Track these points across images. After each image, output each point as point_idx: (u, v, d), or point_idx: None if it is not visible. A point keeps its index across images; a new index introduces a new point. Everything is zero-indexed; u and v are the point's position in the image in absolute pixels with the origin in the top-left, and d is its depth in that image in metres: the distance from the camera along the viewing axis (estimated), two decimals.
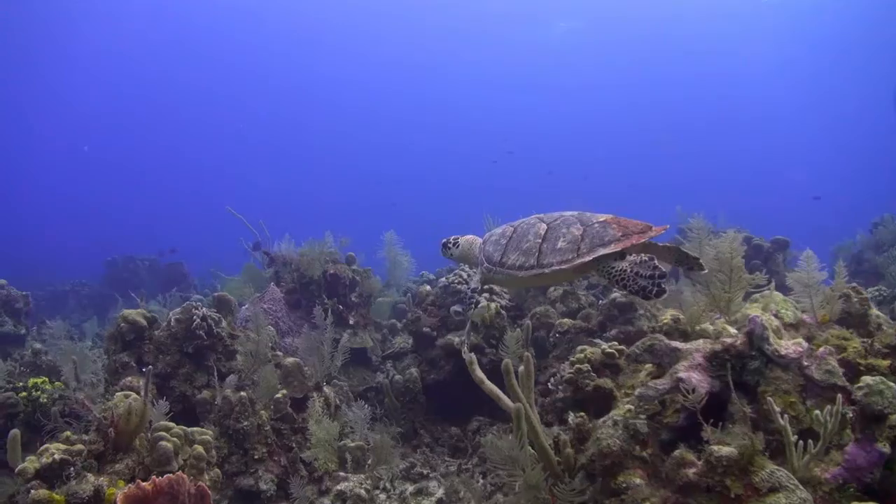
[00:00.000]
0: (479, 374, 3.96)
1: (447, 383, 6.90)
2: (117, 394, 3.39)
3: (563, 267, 3.32)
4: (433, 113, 63.21)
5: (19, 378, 6.66)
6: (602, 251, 3.24)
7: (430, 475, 5.90)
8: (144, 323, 5.34)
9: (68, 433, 3.64)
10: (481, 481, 5.44)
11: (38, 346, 6.78)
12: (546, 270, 3.39)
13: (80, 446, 3.35)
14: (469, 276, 7.90)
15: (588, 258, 3.25)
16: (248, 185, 57.80)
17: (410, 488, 5.55)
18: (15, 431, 3.50)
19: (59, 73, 49.08)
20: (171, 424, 3.40)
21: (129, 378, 5.12)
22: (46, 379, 5.53)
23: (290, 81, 60.66)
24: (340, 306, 8.00)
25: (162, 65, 53.40)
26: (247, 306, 7.54)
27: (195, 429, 3.50)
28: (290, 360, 5.34)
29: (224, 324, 5.61)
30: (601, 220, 3.46)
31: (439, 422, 6.98)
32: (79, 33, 46.21)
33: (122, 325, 5.26)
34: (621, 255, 3.28)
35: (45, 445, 3.37)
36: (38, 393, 5.37)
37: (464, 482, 5.43)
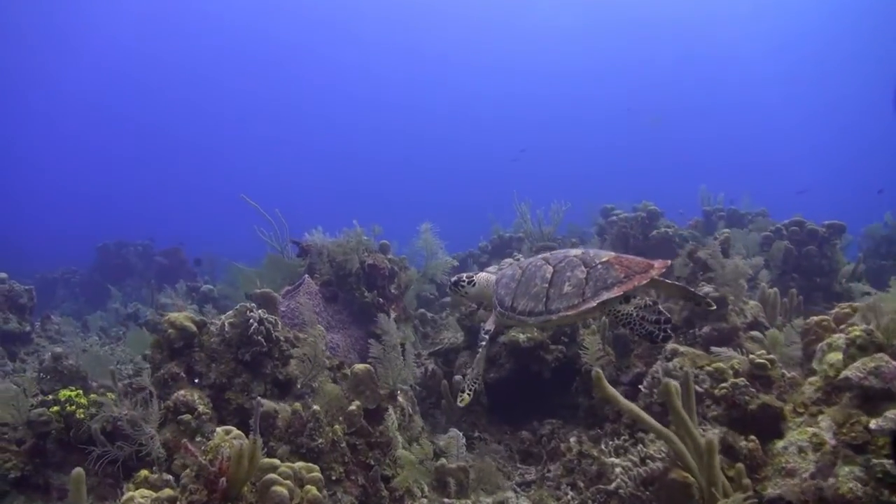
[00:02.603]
0: (611, 390, 3.46)
1: (507, 383, 6.42)
2: (217, 431, 2.81)
3: (569, 313, 3.42)
4: (434, 102, 62.72)
5: (42, 384, 6.03)
6: (606, 295, 3.32)
7: (506, 485, 5.42)
8: (195, 329, 4.74)
9: (146, 472, 3.09)
10: (570, 493, 4.97)
11: (58, 350, 6.11)
12: (553, 317, 3.48)
13: (169, 492, 2.78)
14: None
15: (593, 303, 3.34)
16: (248, 174, 56.48)
17: (489, 500, 5.07)
18: (79, 471, 2.90)
19: (55, 59, 47.45)
20: (276, 462, 2.85)
21: (182, 391, 4.53)
22: (80, 391, 4.90)
23: (292, 71, 59.56)
24: (380, 299, 7.43)
25: (166, 49, 52.26)
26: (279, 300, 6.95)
27: (300, 464, 2.95)
28: (361, 366, 4.78)
29: (280, 326, 5.02)
30: (604, 260, 3.50)
31: (497, 423, 6.52)
32: (76, 17, 44.55)
33: (171, 331, 4.65)
34: (626, 297, 3.38)
35: (129, 494, 2.79)
36: (73, 408, 4.74)
37: (552, 495, 4.97)
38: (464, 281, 4.23)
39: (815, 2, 47.93)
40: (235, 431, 2.82)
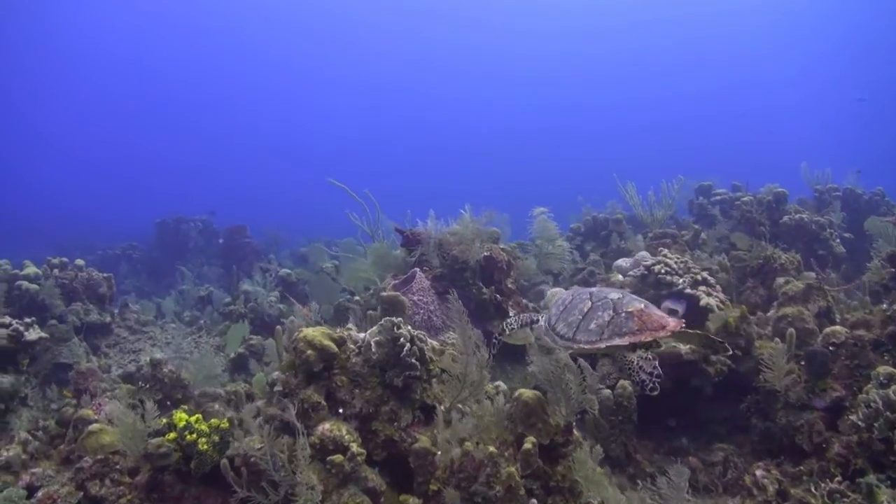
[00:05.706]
0: None
1: (660, 397, 5.61)
2: None
3: (585, 347, 3.84)
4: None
5: (141, 393, 5.46)
6: (617, 341, 3.73)
7: None
8: (335, 348, 4.02)
9: None
10: None
11: (157, 356, 5.51)
12: (574, 346, 3.90)
13: None
14: (677, 263, 6.52)
15: (603, 345, 3.78)
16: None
17: None
18: None
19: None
20: None
21: (327, 425, 3.84)
22: (200, 416, 4.24)
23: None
24: (497, 295, 6.65)
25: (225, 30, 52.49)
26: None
27: None
28: (529, 392, 4.02)
29: (429, 342, 4.29)
30: (629, 310, 3.82)
31: (643, 441, 5.74)
32: None
33: (309, 352, 3.93)
34: (633, 347, 3.74)
35: None
36: (192, 436, 4.08)
37: None
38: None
39: None
40: None
